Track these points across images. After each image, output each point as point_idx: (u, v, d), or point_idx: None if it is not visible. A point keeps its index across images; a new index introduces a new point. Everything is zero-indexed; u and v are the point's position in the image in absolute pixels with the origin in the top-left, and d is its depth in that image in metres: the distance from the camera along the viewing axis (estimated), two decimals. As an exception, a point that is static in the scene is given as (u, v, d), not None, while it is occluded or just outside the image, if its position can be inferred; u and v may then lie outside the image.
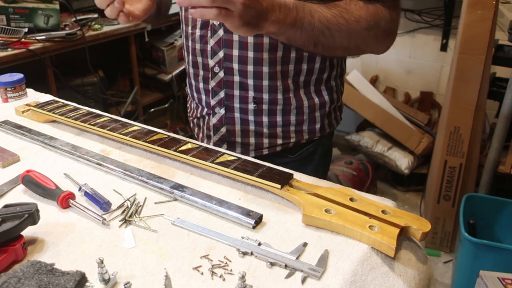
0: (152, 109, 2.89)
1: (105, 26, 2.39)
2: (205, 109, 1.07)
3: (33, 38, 2.04)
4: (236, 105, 1.02)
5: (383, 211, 0.68)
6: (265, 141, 1.05)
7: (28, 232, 0.66)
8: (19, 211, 0.65)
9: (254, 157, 1.00)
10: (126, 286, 0.56)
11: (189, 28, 1.03)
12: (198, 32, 1.01)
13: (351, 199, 0.71)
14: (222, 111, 1.03)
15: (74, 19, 2.26)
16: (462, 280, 1.75)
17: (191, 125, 1.18)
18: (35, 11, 2.05)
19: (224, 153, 0.84)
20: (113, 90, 2.81)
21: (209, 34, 0.99)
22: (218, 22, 0.95)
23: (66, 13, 2.30)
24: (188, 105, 1.19)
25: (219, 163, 0.81)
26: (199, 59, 1.02)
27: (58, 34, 2.11)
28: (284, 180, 0.76)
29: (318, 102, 1.03)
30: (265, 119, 1.02)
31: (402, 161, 2.57)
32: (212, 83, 1.02)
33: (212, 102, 1.04)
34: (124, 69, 2.78)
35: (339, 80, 1.07)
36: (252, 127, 1.03)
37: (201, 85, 1.05)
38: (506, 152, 2.07)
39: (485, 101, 2.01)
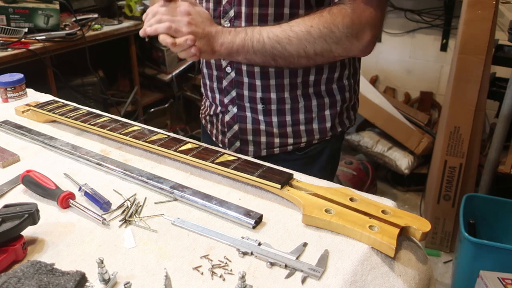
0: (152, 109, 2.89)
1: (105, 26, 2.39)
2: (219, 107, 1.10)
3: (33, 38, 2.04)
4: (247, 104, 1.05)
5: (383, 211, 0.68)
6: (276, 140, 1.06)
7: (28, 232, 0.66)
8: (19, 211, 0.65)
9: (266, 155, 1.06)
10: (126, 286, 0.56)
11: None
12: None
13: (351, 199, 0.71)
14: (235, 109, 1.07)
15: (74, 19, 2.26)
16: (462, 280, 1.75)
17: (203, 122, 1.21)
18: (35, 11, 2.05)
19: (224, 153, 0.84)
20: (113, 90, 2.81)
21: None
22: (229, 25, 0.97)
23: (66, 13, 2.30)
24: (202, 103, 1.22)
25: (219, 163, 0.81)
26: (212, 60, 1.06)
27: (58, 34, 2.11)
28: (284, 180, 0.76)
29: (329, 101, 1.04)
30: (274, 119, 1.04)
31: (402, 161, 2.57)
32: (224, 83, 1.05)
33: (225, 100, 1.07)
34: (124, 69, 2.78)
35: (353, 79, 1.07)
36: (262, 126, 1.06)
37: (215, 84, 1.09)
38: (506, 152, 2.07)
39: (485, 101, 2.01)
